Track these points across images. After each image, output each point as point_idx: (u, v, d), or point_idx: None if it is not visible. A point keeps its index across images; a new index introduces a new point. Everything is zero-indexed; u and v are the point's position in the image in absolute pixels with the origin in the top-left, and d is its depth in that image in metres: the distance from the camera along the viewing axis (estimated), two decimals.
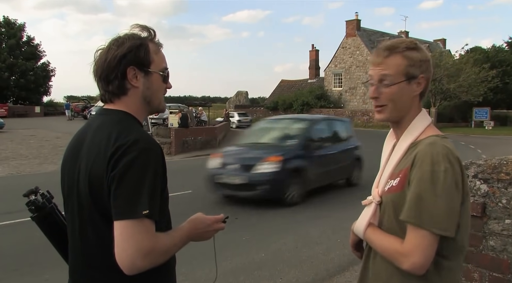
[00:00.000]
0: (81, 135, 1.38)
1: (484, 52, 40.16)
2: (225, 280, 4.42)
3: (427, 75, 1.38)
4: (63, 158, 1.45)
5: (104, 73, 1.32)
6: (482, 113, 34.96)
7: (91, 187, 1.26)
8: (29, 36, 45.88)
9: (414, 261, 1.24)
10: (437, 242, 1.24)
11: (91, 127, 1.37)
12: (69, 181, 1.37)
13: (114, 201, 1.19)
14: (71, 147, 1.41)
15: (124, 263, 1.17)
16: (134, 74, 1.33)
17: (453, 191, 1.23)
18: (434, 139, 1.31)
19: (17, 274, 4.19)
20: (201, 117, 27.49)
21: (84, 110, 37.61)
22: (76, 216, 1.34)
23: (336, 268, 4.78)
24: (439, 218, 1.22)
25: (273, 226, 6.62)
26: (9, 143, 18.02)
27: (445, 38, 53.39)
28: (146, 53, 1.34)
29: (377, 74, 1.37)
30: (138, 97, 1.36)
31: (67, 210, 1.40)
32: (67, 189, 1.39)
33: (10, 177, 10.89)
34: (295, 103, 43.27)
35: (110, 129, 1.28)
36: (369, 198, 1.45)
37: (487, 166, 2.20)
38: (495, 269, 2.11)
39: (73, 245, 1.38)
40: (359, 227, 1.45)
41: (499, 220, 2.09)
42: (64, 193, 1.42)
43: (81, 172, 1.30)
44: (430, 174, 1.23)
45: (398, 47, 1.36)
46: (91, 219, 1.29)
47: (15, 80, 43.54)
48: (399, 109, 1.38)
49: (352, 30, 43.54)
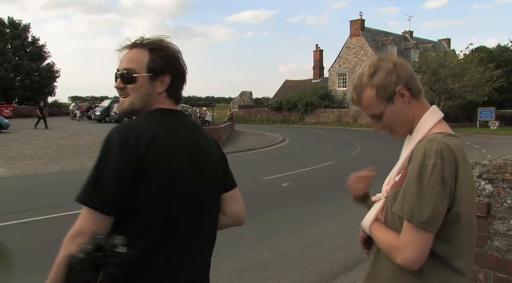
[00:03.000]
0: (192, 134, 1.48)
1: (489, 51, 39.95)
2: (229, 280, 4.42)
3: (404, 80, 1.39)
4: (174, 159, 1.37)
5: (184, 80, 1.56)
6: (487, 113, 34.77)
7: (220, 179, 1.57)
8: (34, 37, 46.14)
9: (406, 256, 1.26)
10: (431, 238, 1.25)
11: (197, 130, 1.53)
12: (208, 177, 1.49)
13: (231, 174, 1.65)
14: (189, 147, 1.45)
15: (245, 215, 1.69)
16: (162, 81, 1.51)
17: (439, 187, 1.23)
18: (434, 136, 1.31)
19: (22, 273, 4.21)
20: (205, 117, 27.55)
21: (89, 111, 37.78)
22: (211, 216, 1.54)
23: (340, 268, 4.78)
24: (419, 210, 1.23)
25: (277, 226, 6.62)
26: (14, 143, 18.09)
27: (449, 38, 53.38)
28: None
29: (366, 114, 1.47)
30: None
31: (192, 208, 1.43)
32: (191, 197, 1.42)
33: (15, 177, 10.93)
34: (299, 103, 43.25)
35: (200, 126, 1.64)
36: (378, 195, 1.47)
37: (492, 166, 2.20)
38: (500, 270, 2.11)
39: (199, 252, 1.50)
40: (366, 222, 1.46)
41: (504, 220, 2.09)
42: (192, 191, 1.41)
43: (217, 179, 1.54)
44: (419, 167, 1.25)
45: (362, 82, 1.40)
46: (218, 211, 1.58)
47: (20, 80, 43.78)
48: (403, 124, 1.42)
49: (356, 30, 43.47)
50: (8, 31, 44.09)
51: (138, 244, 1.29)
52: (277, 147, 20.85)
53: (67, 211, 5.95)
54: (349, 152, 17.65)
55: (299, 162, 14.37)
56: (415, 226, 1.24)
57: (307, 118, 43.28)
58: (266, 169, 12.89)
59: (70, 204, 2.32)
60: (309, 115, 43.35)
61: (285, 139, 24.72)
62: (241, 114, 49.03)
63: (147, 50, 1.44)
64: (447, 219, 1.27)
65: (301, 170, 12.52)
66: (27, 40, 45.34)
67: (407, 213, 1.25)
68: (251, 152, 18.67)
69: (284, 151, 18.83)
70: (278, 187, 9.90)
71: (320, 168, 13.20)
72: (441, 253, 1.29)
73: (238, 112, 48.79)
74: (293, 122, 43.67)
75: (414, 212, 1.24)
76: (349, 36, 44.35)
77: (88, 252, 1.10)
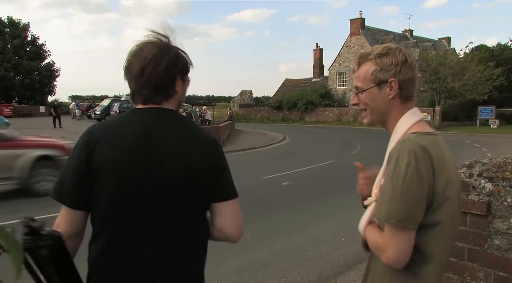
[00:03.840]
0: (149, 131, 1.41)
1: (489, 50, 39.88)
2: (229, 279, 4.43)
3: (402, 77, 1.41)
4: (118, 159, 1.37)
5: (155, 79, 1.44)
6: (487, 112, 34.77)
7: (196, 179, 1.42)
8: (34, 36, 46.12)
9: (388, 255, 1.28)
10: (412, 236, 1.27)
11: (162, 125, 1.44)
12: (144, 183, 1.37)
13: (225, 184, 1.49)
14: (137, 145, 1.38)
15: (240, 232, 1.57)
16: (178, 82, 1.50)
17: (414, 185, 1.24)
18: (408, 136, 1.34)
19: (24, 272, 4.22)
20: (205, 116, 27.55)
21: (89, 110, 37.77)
22: (164, 218, 1.39)
23: (340, 267, 4.78)
24: (396, 209, 1.26)
25: (277, 225, 6.62)
26: None
27: (450, 37, 53.24)
28: (188, 64, 1.54)
29: (354, 84, 1.51)
30: (176, 101, 1.52)
31: (131, 213, 1.38)
32: (139, 192, 1.37)
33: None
34: (299, 102, 43.24)
35: (192, 123, 1.57)
36: (370, 199, 1.49)
37: (492, 165, 2.20)
38: (500, 269, 2.11)
39: (155, 253, 1.39)
40: (360, 226, 1.50)
41: (504, 219, 2.09)
42: (128, 200, 1.37)
43: (175, 170, 1.40)
44: (393, 168, 1.28)
45: (370, 54, 1.45)
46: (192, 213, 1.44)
47: (20, 80, 43.79)
48: (377, 112, 1.46)
49: (356, 29, 43.44)
50: (8, 30, 44.07)
51: (93, 239, 1.41)
52: (277, 146, 20.86)
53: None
54: (349, 151, 17.65)
55: (299, 161, 14.37)
56: (393, 225, 1.26)
57: (307, 117, 43.27)
58: (266, 168, 12.89)
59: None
60: (309, 114, 43.34)
61: (285, 138, 24.73)
62: (241, 113, 49.02)
63: None
64: (426, 214, 1.28)
65: (302, 169, 12.52)
66: (27, 39, 45.32)
67: (384, 214, 1.28)
68: (251, 151, 18.67)
69: (284, 150, 18.83)
70: (279, 186, 9.90)
71: (320, 167, 13.20)
72: (422, 247, 1.31)
73: (238, 111, 48.78)
74: (293, 121, 43.66)
75: (391, 212, 1.26)
76: (349, 35, 44.32)
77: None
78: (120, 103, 33.77)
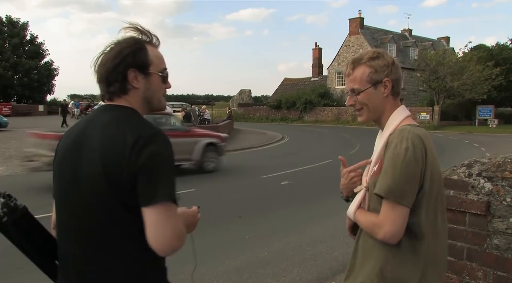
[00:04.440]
0: (84, 130, 1.37)
1: (488, 50, 39.91)
2: (228, 278, 4.42)
3: (393, 77, 1.59)
4: (60, 156, 1.42)
5: (104, 75, 1.38)
6: (486, 111, 34.80)
7: (109, 178, 1.26)
8: (33, 35, 46.07)
9: (385, 230, 1.44)
10: (406, 213, 1.43)
11: (98, 121, 1.37)
12: (71, 178, 1.35)
13: (146, 188, 1.25)
14: (71, 144, 1.38)
15: (162, 245, 1.26)
16: (135, 76, 1.39)
17: (412, 168, 1.42)
18: (404, 127, 1.52)
19: (21, 273, 4.20)
20: (204, 116, 27.50)
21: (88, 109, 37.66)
22: (83, 214, 1.33)
23: (339, 267, 4.78)
24: (395, 188, 1.42)
25: (276, 224, 6.62)
26: (12, 142, 18.06)
27: (448, 36, 53.45)
28: (145, 56, 1.40)
29: (349, 87, 1.64)
30: (139, 97, 1.42)
31: (61, 209, 1.40)
32: (67, 186, 1.37)
33: (15, 175, 10.92)
34: (298, 102, 43.26)
35: (127, 120, 1.34)
36: (359, 186, 1.65)
37: (491, 165, 2.20)
38: (499, 268, 2.11)
39: (75, 246, 1.36)
40: (350, 210, 1.66)
41: (504, 218, 2.09)
42: (60, 192, 1.41)
43: (93, 165, 1.29)
44: (393, 151, 1.45)
45: (362, 59, 1.60)
46: (108, 212, 1.29)
47: (18, 79, 43.74)
48: (374, 110, 1.61)
49: (355, 28, 43.46)
50: (7, 29, 44.02)
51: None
52: (276, 146, 20.86)
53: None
54: (348, 150, 17.65)
55: (298, 161, 14.37)
56: (391, 202, 1.43)
57: (306, 117, 43.29)
58: (265, 167, 12.88)
59: None
60: (308, 113, 43.36)
61: (284, 137, 24.73)
62: (240, 112, 49.02)
63: None
64: (417, 196, 1.45)
65: (300, 169, 12.52)
66: (26, 38, 45.27)
67: (385, 190, 1.43)
68: (250, 150, 18.67)
69: (283, 150, 18.83)
70: (277, 186, 9.90)
71: (319, 166, 13.20)
72: (411, 226, 1.47)
73: (237, 111, 48.77)
74: (292, 120, 43.66)
75: (391, 190, 1.42)
76: (348, 34, 44.34)
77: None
78: None
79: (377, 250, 1.52)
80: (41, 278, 1.39)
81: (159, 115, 11.76)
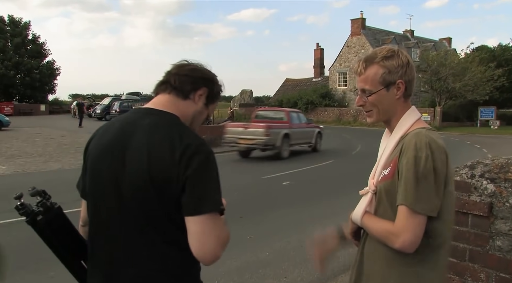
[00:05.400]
0: (125, 132, 1.35)
1: (490, 50, 39.84)
2: (229, 278, 4.42)
3: (407, 78, 1.51)
4: (96, 157, 1.40)
5: (184, 75, 1.45)
6: (488, 112, 34.72)
7: (154, 185, 1.26)
8: (35, 35, 46.11)
9: (404, 239, 1.36)
10: (425, 221, 1.37)
11: (141, 123, 1.35)
12: (111, 180, 1.33)
13: (193, 197, 1.26)
14: (109, 145, 1.36)
15: (206, 254, 1.29)
16: (201, 95, 1.46)
17: (433, 176, 1.35)
18: (419, 130, 1.44)
19: (22, 272, 4.20)
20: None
21: (89, 109, 37.72)
22: (123, 217, 1.33)
23: (341, 267, 4.77)
24: (419, 198, 1.35)
25: (277, 224, 6.61)
26: (14, 141, 18.10)
27: (450, 37, 53.28)
28: (217, 94, 1.54)
29: (359, 86, 1.55)
30: (191, 111, 1.46)
31: (98, 210, 1.39)
32: (106, 188, 1.35)
33: (16, 175, 10.94)
34: (300, 102, 43.21)
35: (174, 127, 1.34)
36: (365, 189, 1.57)
37: (494, 166, 2.19)
38: (502, 270, 2.10)
39: (109, 247, 1.37)
40: (356, 215, 1.57)
41: (506, 220, 2.08)
42: (96, 193, 1.39)
43: (138, 170, 1.28)
44: (413, 159, 1.36)
45: (376, 57, 1.51)
46: (150, 217, 1.30)
47: (20, 78, 43.76)
48: (384, 112, 1.54)
49: (357, 29, 43.42)
50: (9, 29, 44.06)
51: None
52: None
53: (67, 209, 5.92)
54: (350, 151, 17.64)
55: (299, 161, 14.36)
56: (412, 211, 1.35)
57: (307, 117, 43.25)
58: (266, 167, 12.87)
59: (70, 202, 2.31)
60: (309, 113, 43.25)
61: None
62: (241, 112, 48.95)
63: None
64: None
65: (302, 169, 12.51)
66: (28, 38, 45.30)
67: (408, 200, 1.35)
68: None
69: None
70: (279, 186, 9.90)
71: (321, 167, 13.19)
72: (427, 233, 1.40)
73: (239, 111, 48.73)
74: None
75: (415, 200, 1.34)
76: (350, 35, 44.30)
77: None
78: (120, 102, 33.75)
79: (391, 261, 1.45)
80: (42, 277, 1.38)
81: (295, 111, 17.69)
